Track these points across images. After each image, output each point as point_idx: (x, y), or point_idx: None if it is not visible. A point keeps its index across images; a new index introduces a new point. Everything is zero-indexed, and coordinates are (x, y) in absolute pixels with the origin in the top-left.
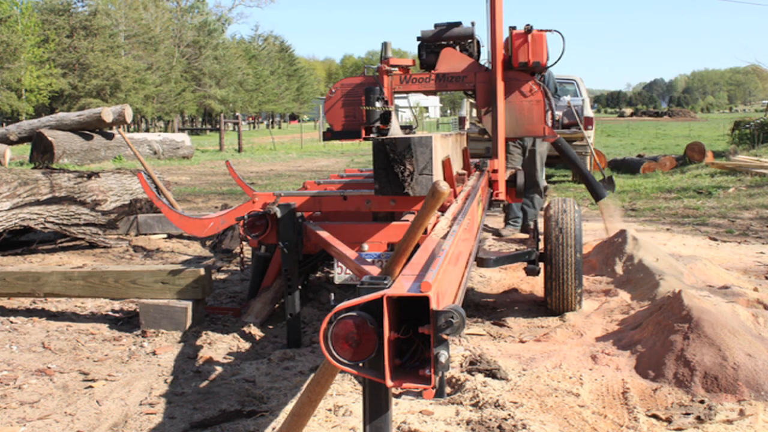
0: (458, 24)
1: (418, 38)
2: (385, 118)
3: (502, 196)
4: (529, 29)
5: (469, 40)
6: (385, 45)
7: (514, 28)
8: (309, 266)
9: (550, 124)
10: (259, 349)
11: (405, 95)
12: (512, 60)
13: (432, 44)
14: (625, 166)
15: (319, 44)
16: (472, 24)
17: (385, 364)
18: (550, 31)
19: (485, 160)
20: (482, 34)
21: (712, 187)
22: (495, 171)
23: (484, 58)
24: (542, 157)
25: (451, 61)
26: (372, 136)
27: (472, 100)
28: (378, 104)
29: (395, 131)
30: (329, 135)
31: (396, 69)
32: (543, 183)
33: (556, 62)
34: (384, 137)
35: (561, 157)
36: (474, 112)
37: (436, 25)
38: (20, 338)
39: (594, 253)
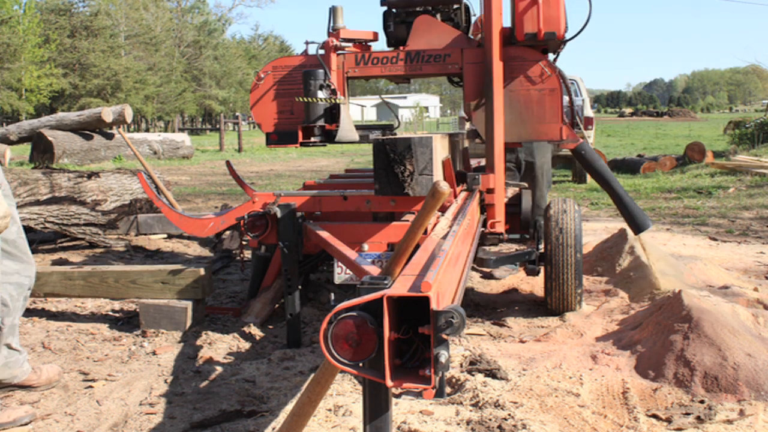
0: None
1: (383, 2)
2: (333, 113)
3: (500, 227)
4: None
5: (455, 5)
6: (333, 10)
7: None
8: (309, 266)
9: (568, 122)
10: (259, 349)
11: (403, 95)
12: (515, 31)
13: (402, 10)
14: (625, 166)
15: None
16: None
17: (385, 364)
18: None
19: (476, 174)
20: None
21: (712, 187)
22: (490, 191)
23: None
24: (545, 172)
25: (429, 33)
26: (314, 140)
27: None
28: (322, 94)
29: (346, 132)
30: (275, 138)
31: (350, 45)
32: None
33: (578, 33)
34: (384, 138)
35: (587, 170)
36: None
37: None
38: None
39: (594, 253)
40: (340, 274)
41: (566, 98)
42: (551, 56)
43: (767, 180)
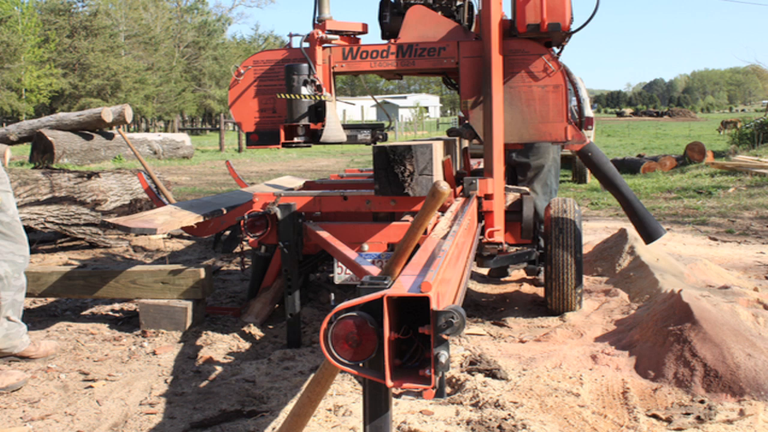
0: None
1: None
2: (318, 112)
3: (499, 236)
4: None
5: (458, 2)
6: None
7: None
8: (309, 266)
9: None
10: (259, 349)
11: (403, 95)
12: (516, 22)
13: (401, 1)
14: (625, 166)
15: None
16: None
17: (385, 364)
18: None
19: (473, 179)
20: None
21: (712, 187)
22: (489, 196)
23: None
24: (544, 175)
25: (423, 25)
26: (297, 140)
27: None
28: (306, 90)
29: (333, 132)
30: (255, 139)
31: (337, 38)
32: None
33: (586, 24)
34: (386, 145)
35: (594, 174)
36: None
37: None
38: None
39: (594, 253)
40: (340, 274)
41: (573, 96)
42: (555, 50)
43: (767, 180)
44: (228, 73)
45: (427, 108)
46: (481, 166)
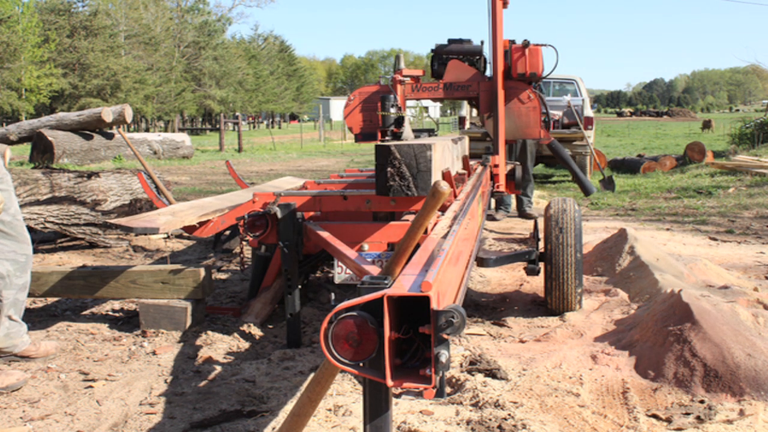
0: (469, 41)
1: (432, 50)
2: (399, 122)
3: (502, 188)
4: (526, 44)
5: (477, 57)
6: (398, 57)
7: (513, 42)
8: (309, 266)
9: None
10: (259, 349)
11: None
12: (512, 71)
13: (443, 56)
14: (625, 166)
15: (319, 44)
16: (482, 43)
17: (386, 363)
18: (545, 45)
19: (488, 156)
20: (480, 44)
21: (712, 186)
22: (496, 166)
23: (487, 72)
24: (532, 153)
25: (458, 71)
26: (387, 138)
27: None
28: (392, 110)
29: (408, 134)
30: (361, 137)
31: (408, 79)
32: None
33: (550, 72)
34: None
35: (557, 157)
36: (474, 112)
37: (449, 40)
38: None
39: (594, 253)
40: (340, 273)
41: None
42: (534, 85)
43: (767, 180)
44: (228, 72)
45: (427, 108)
46: (479, 168)
